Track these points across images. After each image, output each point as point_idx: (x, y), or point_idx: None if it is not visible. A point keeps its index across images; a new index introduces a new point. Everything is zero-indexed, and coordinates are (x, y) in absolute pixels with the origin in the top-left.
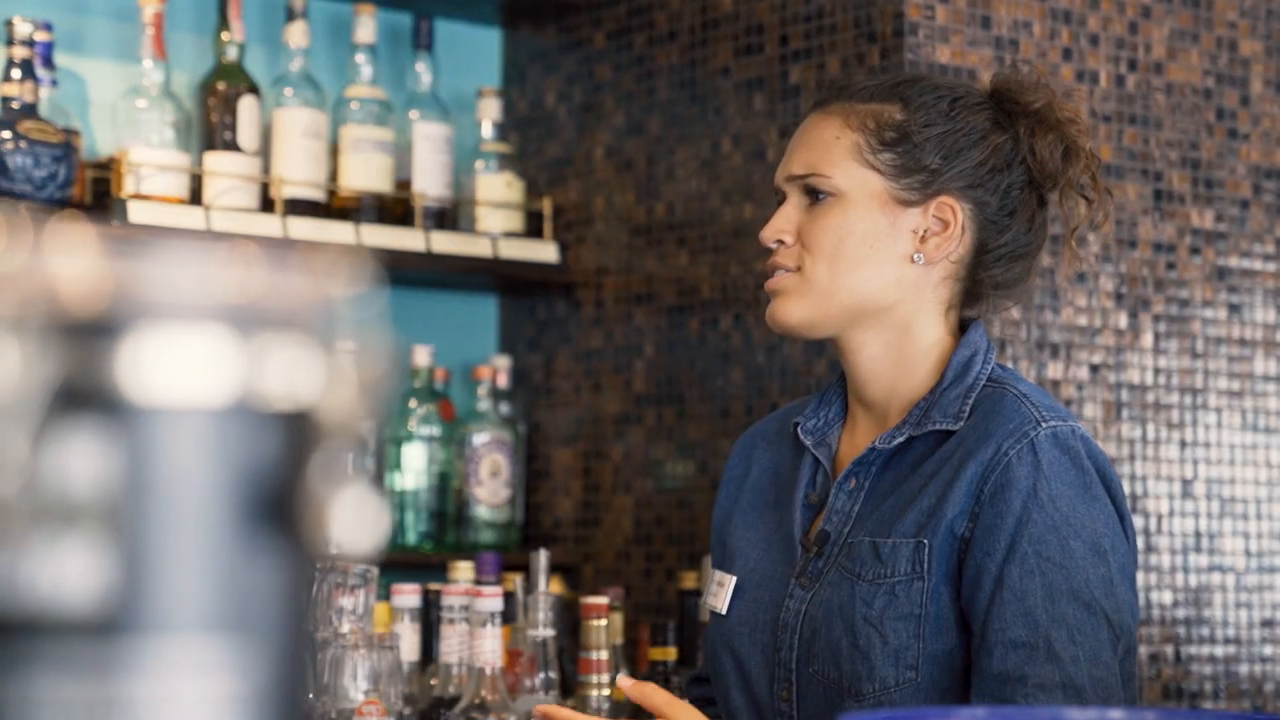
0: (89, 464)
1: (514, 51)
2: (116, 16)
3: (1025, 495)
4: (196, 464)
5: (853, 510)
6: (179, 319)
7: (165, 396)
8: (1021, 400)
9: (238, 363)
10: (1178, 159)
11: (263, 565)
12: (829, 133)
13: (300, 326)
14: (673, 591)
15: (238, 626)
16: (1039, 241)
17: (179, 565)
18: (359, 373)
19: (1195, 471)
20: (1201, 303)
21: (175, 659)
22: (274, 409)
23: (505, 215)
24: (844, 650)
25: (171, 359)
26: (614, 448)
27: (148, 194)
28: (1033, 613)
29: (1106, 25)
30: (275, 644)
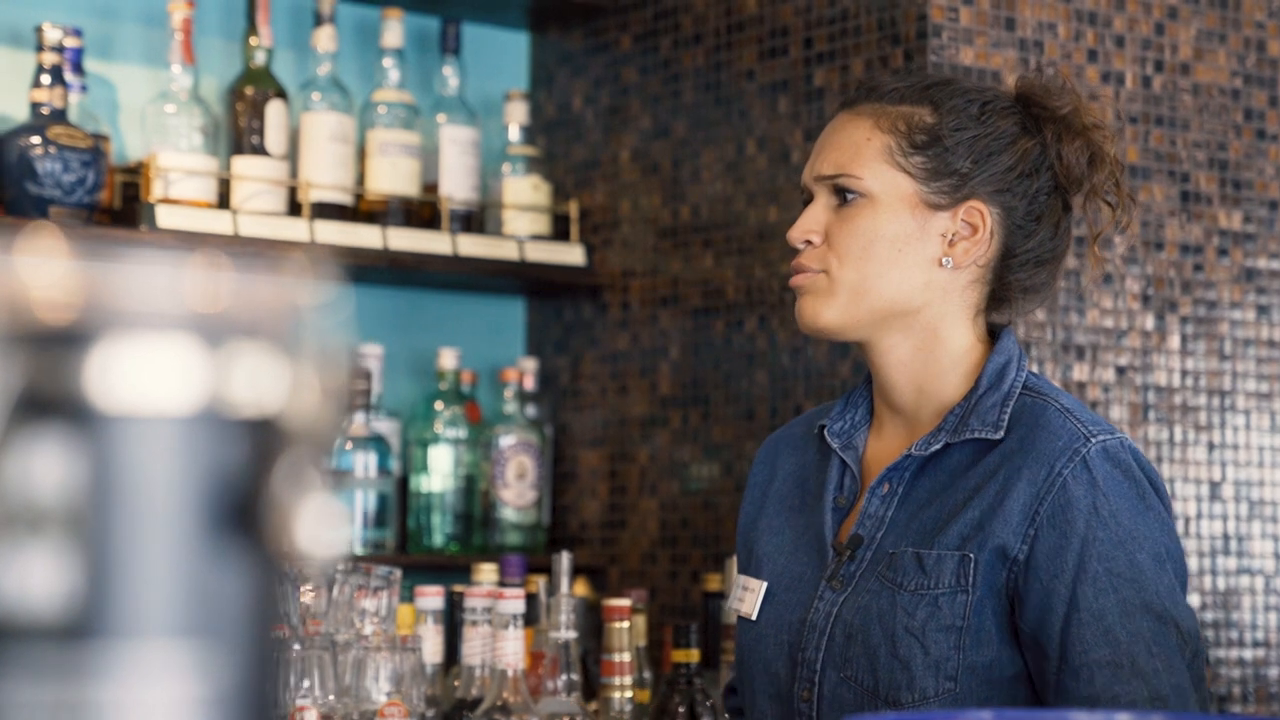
0: (55, 470)
1: (541, 55)
2: (146, 22)
3: (1087, 514)
4: (162, 470)
5: (886, 515)
6: (145, 326)
7: (131, 403)
8: (1066, 415)
9: (203, 370)
10: (1205, 160)
11: (228, 570)
12: (859, 134)
13: (265, 333)
14: (698, 594)
15: (203, 631)
16: (1064, 247)
17: (145, 570)
18: (323, 379)
19: (1223, 474)
20: (1229, 304)
21: (141, 663)
22: (239, 415)
23: (532, 218)
24: (882, 659)
25: (137, 366)
26: (640, 450)
27: (176, 198)
28: (1112, 631)
29: (1132, 26)
30: (240, 648)
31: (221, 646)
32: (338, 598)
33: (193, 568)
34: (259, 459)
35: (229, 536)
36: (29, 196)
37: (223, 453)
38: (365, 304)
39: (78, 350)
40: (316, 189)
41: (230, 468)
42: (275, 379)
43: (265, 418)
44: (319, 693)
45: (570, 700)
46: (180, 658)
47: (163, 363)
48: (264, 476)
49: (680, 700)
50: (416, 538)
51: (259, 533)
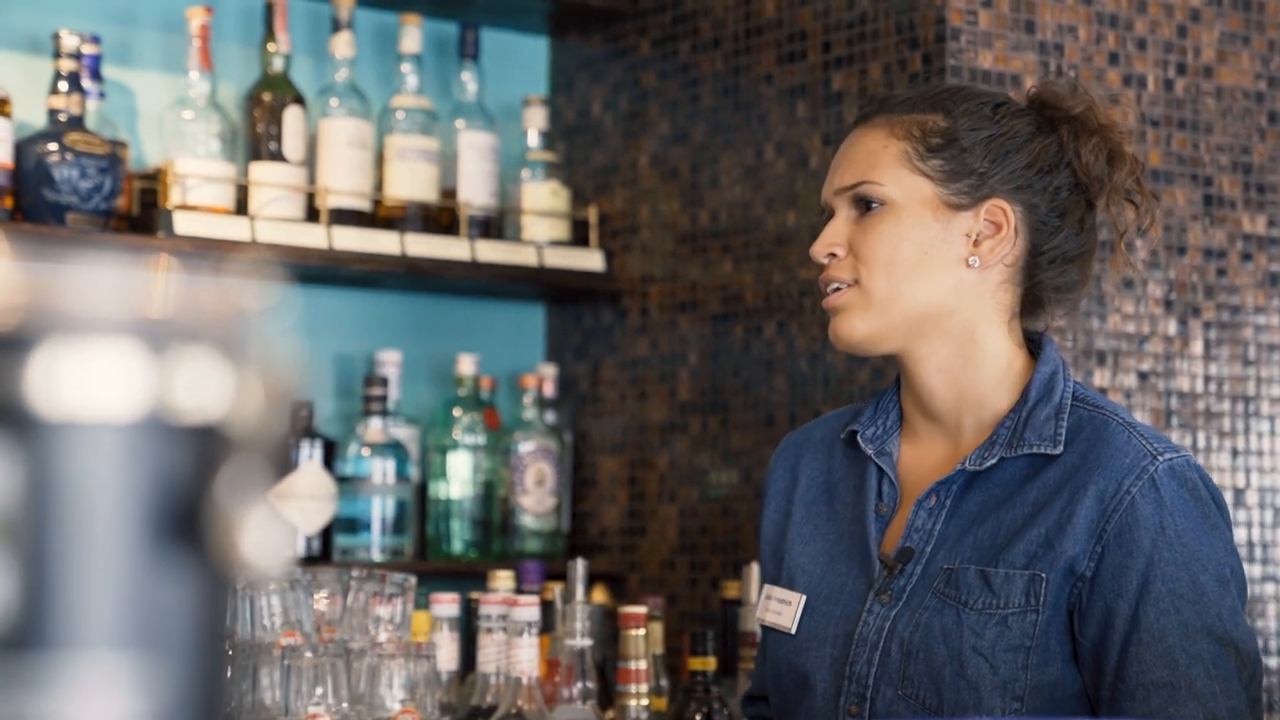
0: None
1: (560, 60)
2: (163, 29)
3: (1154, 534)
4: (104, 478)
5: (934, 529)
6: (88, 331)
7: (73, 409)
8: (1131, 432)
9: (146, 375)
10: (1228, 163)
11: (171, 581)
12: (875, 143)
13: (209, 338)
14: (717, 601)
15: (146, 643)
16: (1091, 244)
17: (85, 581)
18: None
19: (1248, 480)
20: (1253, 309)
21: (82, 676)
22: (183, 422)
23: (551, 224)
24: (947, 678)
25: (80, 371)
26: (659, 456)
27: (194, 205)
28: (1172, 652)
29: (1154, 29)
30: (184, 660)
31: (165, 659)
32: (352, 604)
33: (135, 578)
34: (203, 466)
35: (172, 546)
36: (46, 203)
37: (166, 460)
38: (383, 310)
39: (18, 355)
40: (334, 195)
41: (174, 475)
42: (220, 385)
43: (210, 424)
44: (332, 700)
45: (586, 708)
46: (122, 670)
47: (106, 368)
48: (208, 484)
49: (697, 708)
50: (435, 544)
51: (203, 542)
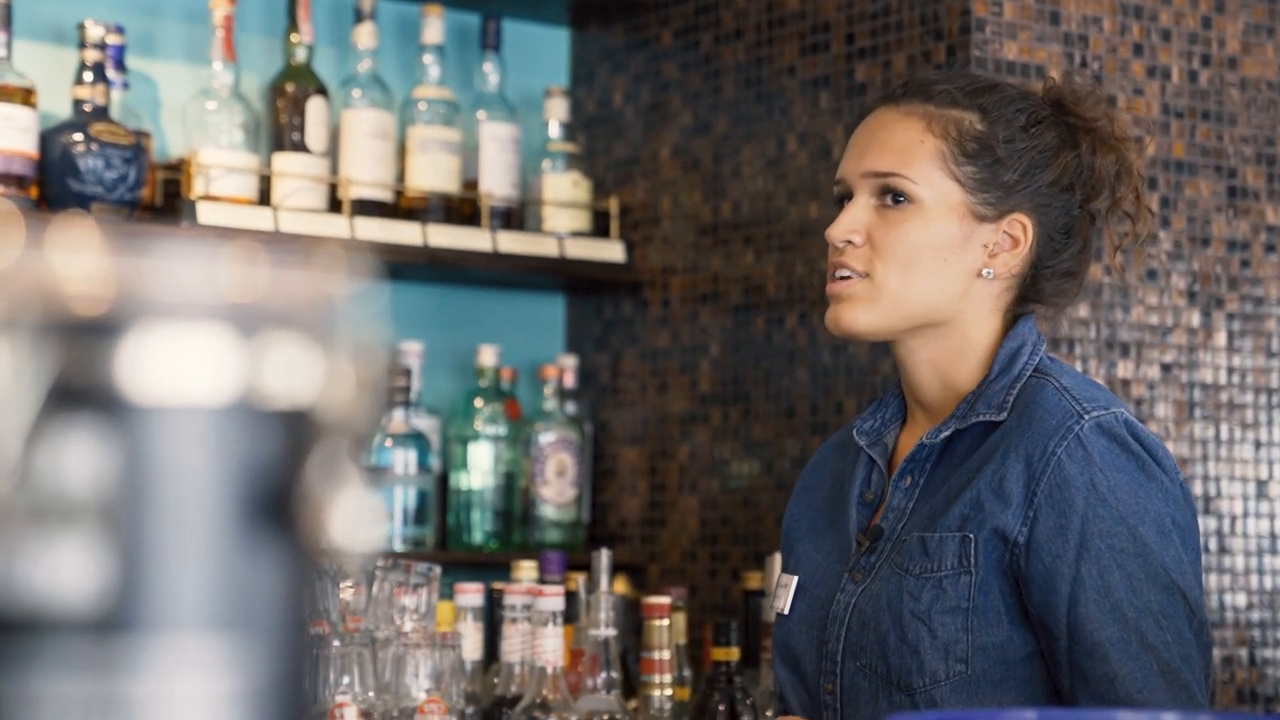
0: (87, 462)
1: (581, 51)
2: (187, 19)
3: (1085, 492)
4: (195, 462)
5: (908, 507)
6: (179, 317)
7: (164, 395)
8: (1063, 394)
9: (237, 361)
10: (1252, 155)
11: (261, 563)
12: (911, 134)
13: (299, 324)
14: (738, 591)
15: (236, 625)
16: (1087, 261)
17: (177, 563)
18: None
19: (1270, 472)
20: (1276, 300)
21: (174, 657)
22: (273, 407)
23: (572, 215)
24: (892, 644)
25: (171, 357)
26: (680, 447)
27: (217, 195)
28: (1120, 607)
29: (1179, 20)
30: (274, 642)
31: (255, 641)
32: (377, 594)
33: (226, 561)
34: (294, 451)
35: (263, 530)
36: (71, 193)
37: (257, 445)
38: (405, 301)
39: (112, 341)
40: (357, 186)
41: (265, 460)
42: (310, 371)
43: (300, 410)
44: (359, 689)
45: (610, 698)
46: (213, 652)
47: (197, 354)
48: (299, 469)
49: (720, 698)
50: (456, 535)
51: (293, 526)
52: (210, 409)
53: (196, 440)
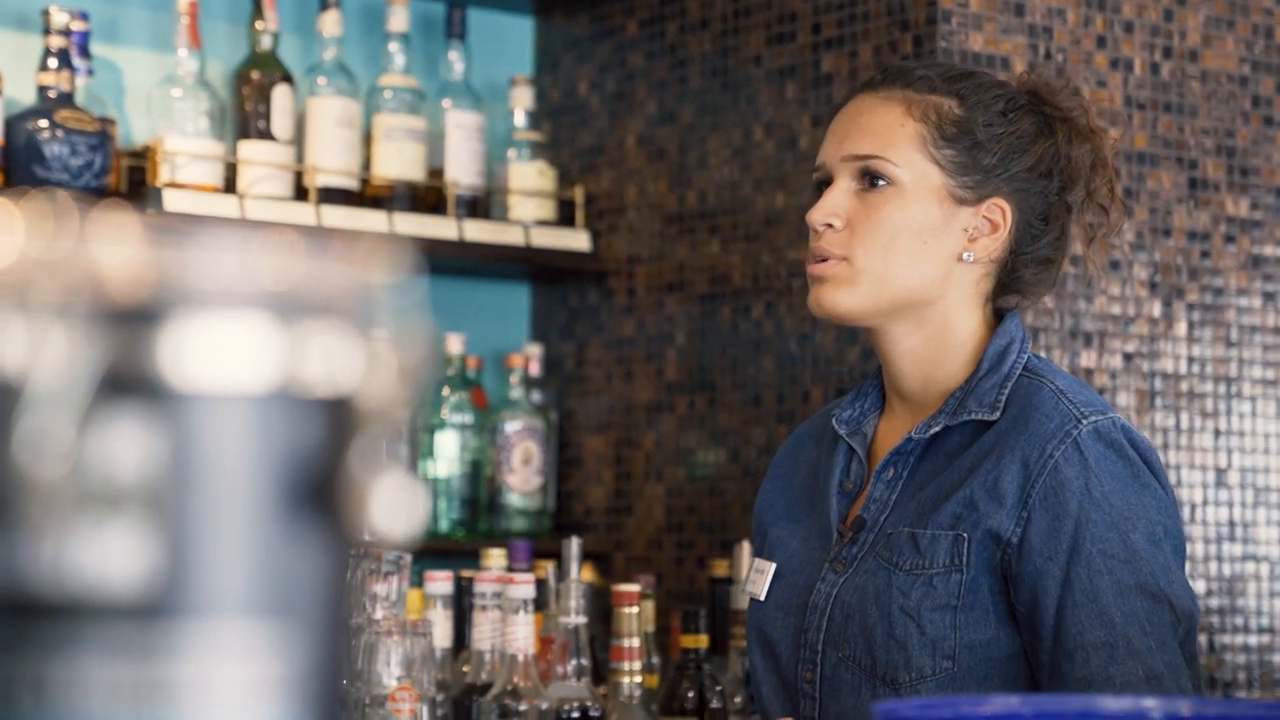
0: (134, 449)
1: (546, 40)
2: (152, 6)
3: (1080, 496)
4: (238, 449)
5: (890, 499)
6: (221, 306)
7: (208, 383)
8: (1059, 396)
9: (279, 349)
10: (1213, 147)
11: (303, 550)
12: (891, 118)
13: (340, 313)
14: (704, 579)
15: (279, 610)
16: (1064, 249)
17: (221, 549)
18: (397, 359)
19: (1229, 460)
20: (1236, 291)
21: (216, 642)
22: (314, 395)
23: (538, 203)
24: (879, 638)
25: (214, 345)
26: (646, 436)
27: (182, 183)
28: (1107, 612)
29: (1141, 12)
30: (315, 628)
31: (297, 626)
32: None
33: (268, 547)
34: (335, 439)
35: (304, 517)
36: (36, 180)
37: (299, 432)
38: None
39: (155, 329)
40: (322, 174)
41: (306, 448)
42: (349, 359)
43: (341, 397)
44: None
45: (580, 685)
46: (256, 637)
47: (240, 342)
48: (340, 457)
49: (689, 685)
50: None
51: (334, 513)
52: (253, 397)
53: (239, 428)
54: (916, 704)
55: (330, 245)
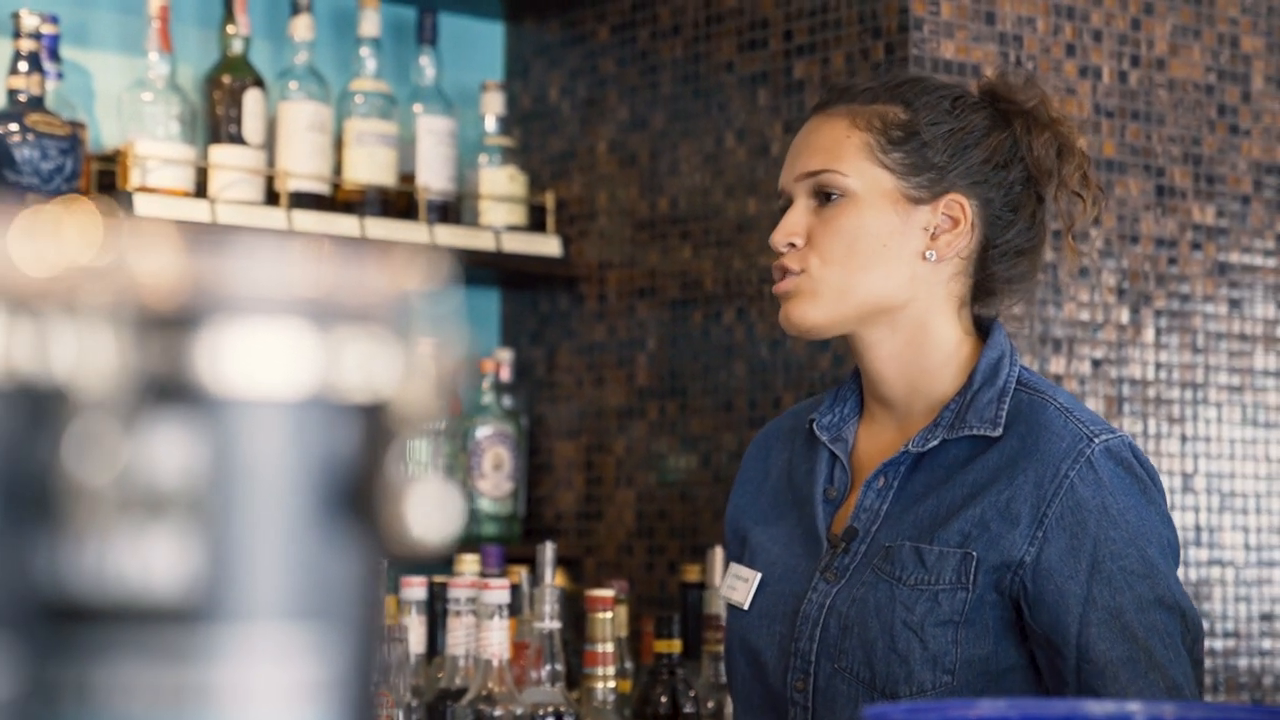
0: (175, 455)
1: (517, 45)
2: (122, 9)
3: (1097, 515)
4: (277, 455)
5: (881, 509)
6: (260, 313)
7: (247, 389)
8: (1067, 416)
9: (316, 356)
10: (1180, 155)
11: (340, 555)
12: (838, 132)
13: (376, 320)
14: (675, 584)
15: (317, 615)
16: (1040, 237)
17: (260, 554)
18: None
19: (1196, 466)
20: (1202, 298)
21: (257, 646)
22: (351, 401)
23: (508, 209)
24: (879, 651)
25: (253, 352)
26: (616, 441)
27: (153, 187)
28: (1130, 627)
29: (1109, 21)
30: (351, 633)
31: (334, 630)
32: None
33: (306, 552)
34: (371, 444)
35: (341, 521)
36: (7, 184)
37: (336, 438)
38: None
39: (195, 336)
40: (294, 178)
41: (343, 453)
42: (388, 365)
43: (377, 403)
44: None
45: (554, 690)
46: (295, 641)
47: (277, 348)
48: (376, 462)
49: (663, 690)
50: None
51: (370, 518)
52: (291, 403)
53: (278, 434)
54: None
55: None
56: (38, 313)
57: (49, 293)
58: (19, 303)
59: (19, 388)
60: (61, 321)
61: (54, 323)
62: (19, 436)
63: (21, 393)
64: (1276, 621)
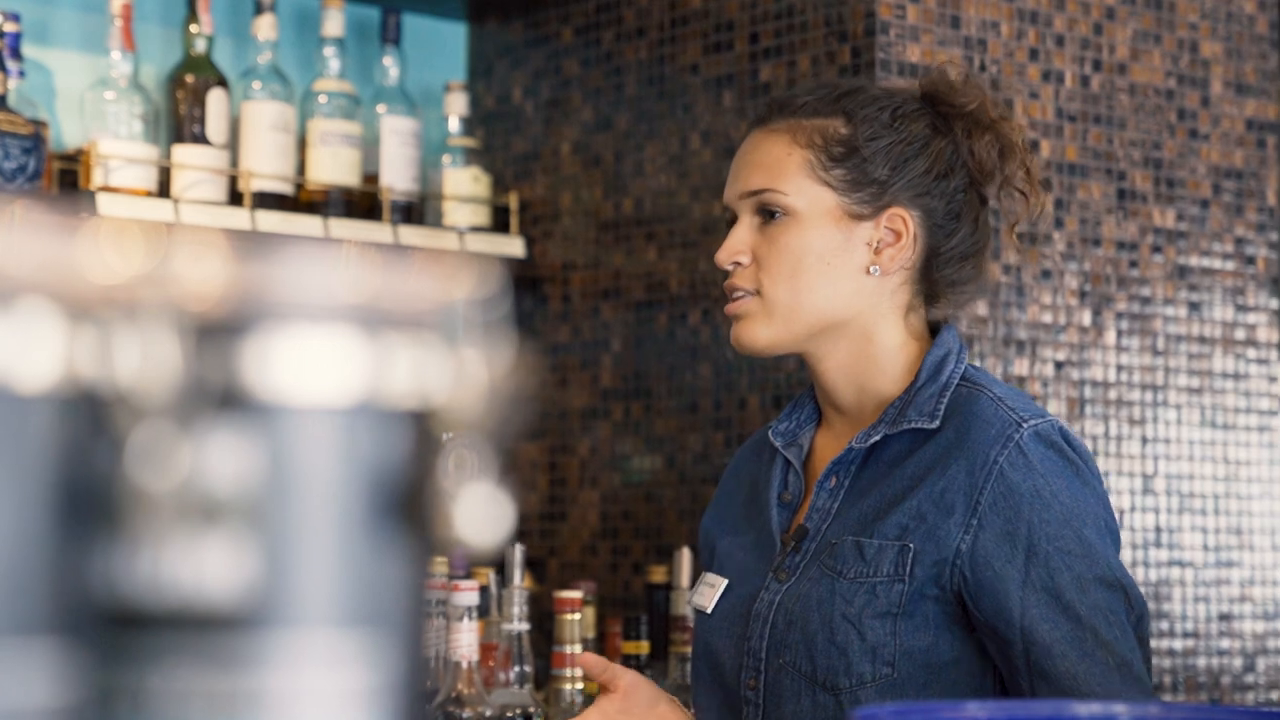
0: (229, 462)
1: (480, 46)
2: (84, 8)
3: (1030, 498)
4: (327, 462)
5: (832, 508)
6: (310, 320)
7: (298, 396)
8: (998, 404)
9: (366, 363)
10: (1140, 159)
11: (390, 560)
12: (779, 149)
13: (426, 327)
14: (639, 585)
15: (368, 621)
16: (985, 239)
17: (312, 561)
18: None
19: (1155, 467)
20: (1163, 300)
21: (309, 653)
22: (401, 408)
23: (472, 210)
24: (819, 645)
25: (303, 359)
26: (580, 442)
27: (116, 186)
28: (1072, 606)
29: (1072, 26)
30: (401, 639)
31: (385, 636)
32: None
33: (358, 558)
34: (421, 451)
35: (391, 527)
36: None
37: (386, 444)
38: None
39: (245, 344)
40: (257, 178)
41: (392, 459)
42: (437, 372)
43: (427, 410)
44: None
45: (523, 692)
46: (347, 647)
47: (328, 355)
48: (425, 468)
49: None
50: None
51: (420, 524)
52: (341, 410)
53: (329, 441)
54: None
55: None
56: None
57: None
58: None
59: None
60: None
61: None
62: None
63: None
64: (1235, 622)
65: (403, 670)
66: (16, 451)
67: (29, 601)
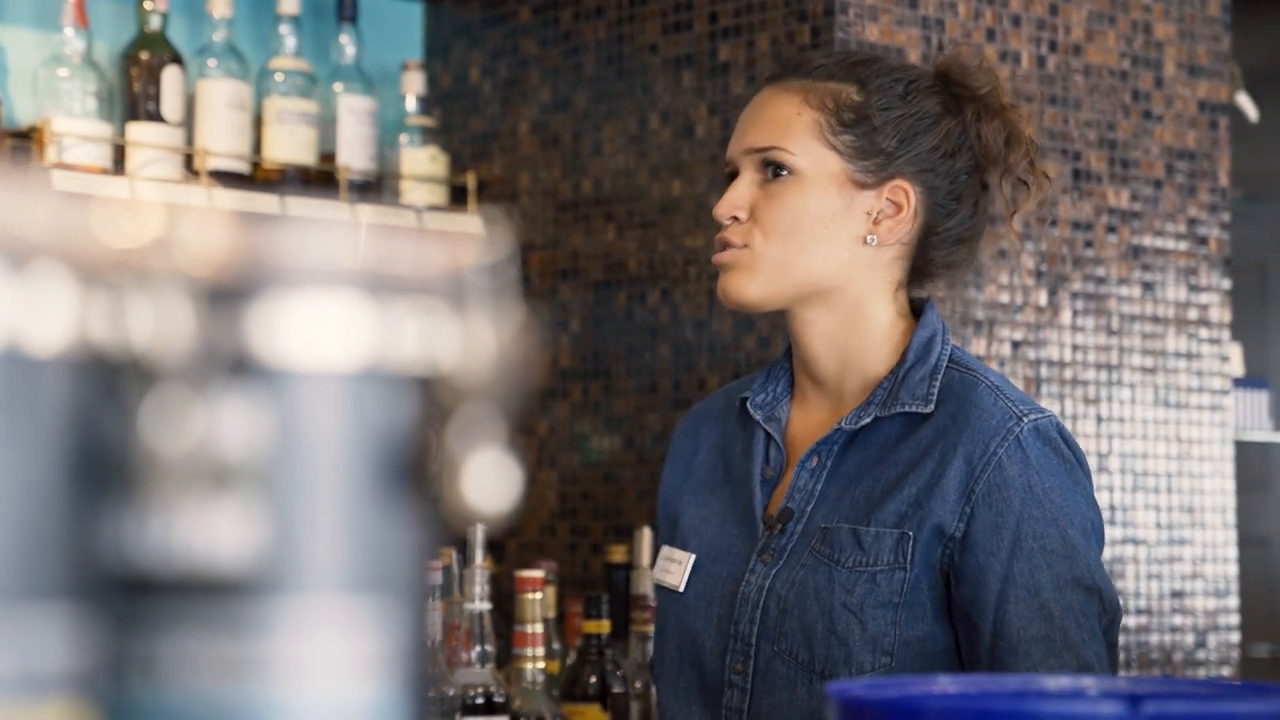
0: (238, 427)
1: (437, 25)
2: None
3: (1022, 493)
4: (335, 428)
5: (815, 488)
6: (319, 286)
7: (306, 361)
8: (997, 394)
9: (375, 328)
10: (1095, 139)
11: (398, 527)
12: (789, 108)
13: (434, 293)
14: (599, 565)
15: (376, 587)
16: (981, 225)
17: (321, 527)
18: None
19: (1110, 446)
20: (1117, 280)
21: (318, 618)
22: (409, 374)
23: (430, 189)
24: (819, 634)
25: (312, 325)
26: (539, 423)
27: (70, 164)
28: (1047, 606)
29: (1028, 7)
30: (408, 605)
31: (392, 603)
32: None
33: (364, 524)
34: (429, 417)
35: (399, 493)
36: None
37: (394, 410)
38: None
39: (254, 309)
40: (213, 157)
41: (400, 425)
42: (445, 338)
43: (435, 376)
44: None
45: (485, 671)
46: (356, 613)
47: (336, 321)
48: (434, 434)
49: (591, 671)
50: None
51: (428, 490)
52: (350, 375)
53: (337, 406)
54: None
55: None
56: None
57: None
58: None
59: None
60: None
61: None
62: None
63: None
64: (1187, 599)
65: (409, 636)
66: (28, 415)
67: (39, 566)
